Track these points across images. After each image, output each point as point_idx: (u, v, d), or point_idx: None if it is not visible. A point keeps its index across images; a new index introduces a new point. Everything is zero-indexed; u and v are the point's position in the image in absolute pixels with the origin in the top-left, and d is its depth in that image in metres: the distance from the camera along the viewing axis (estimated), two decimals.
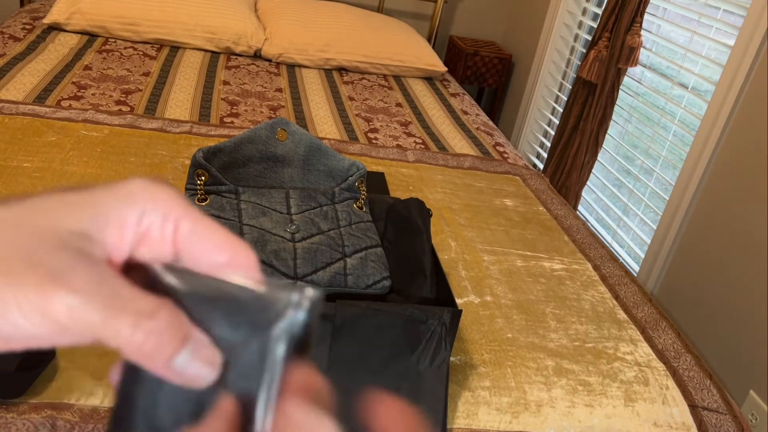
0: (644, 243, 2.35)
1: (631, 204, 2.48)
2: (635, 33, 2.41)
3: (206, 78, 2.23)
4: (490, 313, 1.21)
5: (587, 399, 1.06)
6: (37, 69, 2.01)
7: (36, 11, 2.59)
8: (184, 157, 1.58)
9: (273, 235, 0.98)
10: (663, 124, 2.46)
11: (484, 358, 1.08)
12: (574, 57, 3.02)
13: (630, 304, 1.37)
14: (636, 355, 1.19)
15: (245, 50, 2.54)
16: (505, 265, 1.39)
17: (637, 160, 2.52)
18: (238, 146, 1.04)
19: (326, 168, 1.10)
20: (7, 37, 2.24)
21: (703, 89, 2.31)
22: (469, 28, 3.58)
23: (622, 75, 2.51)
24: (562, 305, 1.29)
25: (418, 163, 1.84)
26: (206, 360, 0.24)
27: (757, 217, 1.86)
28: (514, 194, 1.77)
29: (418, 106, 2.40)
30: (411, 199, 1.15)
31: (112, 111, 1.79)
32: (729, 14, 2.16)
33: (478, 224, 1.55)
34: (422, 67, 2.70)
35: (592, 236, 1.64)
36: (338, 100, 2.29)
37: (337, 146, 1.84)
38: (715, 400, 1.14)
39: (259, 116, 2.00)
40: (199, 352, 0.24)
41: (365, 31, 2.70)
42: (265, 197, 1.04)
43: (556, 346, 1.16)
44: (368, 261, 0.99)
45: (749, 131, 1.93)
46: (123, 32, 2.42)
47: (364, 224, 1.06)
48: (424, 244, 1.07)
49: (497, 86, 3.41)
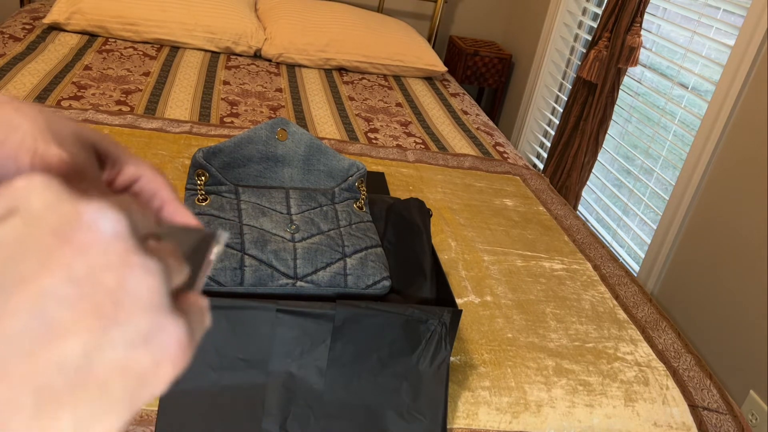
0: (644, 243, 2.35)
1: (631, 204, 2.48)
2: (635, 33, 2.41)
3: (206, 78, 2.23)
4: (490, 313, 1.21)
5: (587, 399, 1.06)
6: (37, 69, 2.01)
7: (36, 11, 2.59)
8: (184, 157, 1.58)
9: (273, 235, 0.98)
10: (663, 124, 2.46)
11: (484, 358, 1.08)
12: (574, 57, 3.02)
13: (630, 304, 1.37)
14: (636, 355, 1.19)
15: (245, 50, 2.54)
16: (505, 265, 1.39)
17: (637, 160, 2.52)
18: (238, 146, 1.04)
19: (326, 168, 1.10)
20: (7, 37, 2.24)
21: (703, 89, 2.31)
22: (469, 28, 3.58)
23: (622, 75, 2.51)
24: (562, 305, 1.29)
25: (418, 163, 1.84)
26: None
27: (757, 217, 1.86)
28: (514, 194, 1.77)
29: (418, 106, 2.40)
30: (411, 199, 1.15)
31: (112, 111, 1.79)
32: (729, 14, 2.16)
33: (478, 224, 1.55)
34: (422, 67, 2.70)
35: (592, 236, 1.64)
36: (338, 100, 2.29)
37: (337, 146, 1.84)
38: (716, 400, 1.14)
39: (259, 116, 2.00)
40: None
41: (365, 31, 2.69)
42: (265, 197, 1.04)
43: (556, 346, 1.16)
44: (368, 261, 0.99)
45: (749, 131, 1.93)
46: (123, 32, 2.42)
47: (364, 224, 1.06)
48: (424, 244, 1.07)
49: (497, 86, 3.41)
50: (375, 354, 0.88)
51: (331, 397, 0.87)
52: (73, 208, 0.20)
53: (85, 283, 0.19)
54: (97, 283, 0.19)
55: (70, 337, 0.19)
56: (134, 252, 0.20)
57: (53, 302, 0.19)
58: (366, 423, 0.87)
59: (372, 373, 0.88)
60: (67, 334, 0.19)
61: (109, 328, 0.19)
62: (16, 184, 0.20)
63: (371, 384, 0.88)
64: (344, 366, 0.87)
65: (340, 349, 0.87)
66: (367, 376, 0.88)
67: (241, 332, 0.85)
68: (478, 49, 3.30)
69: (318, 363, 0.87)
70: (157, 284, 0.20)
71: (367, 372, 0.88)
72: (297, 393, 0.86)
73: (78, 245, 0.20)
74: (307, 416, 0.86)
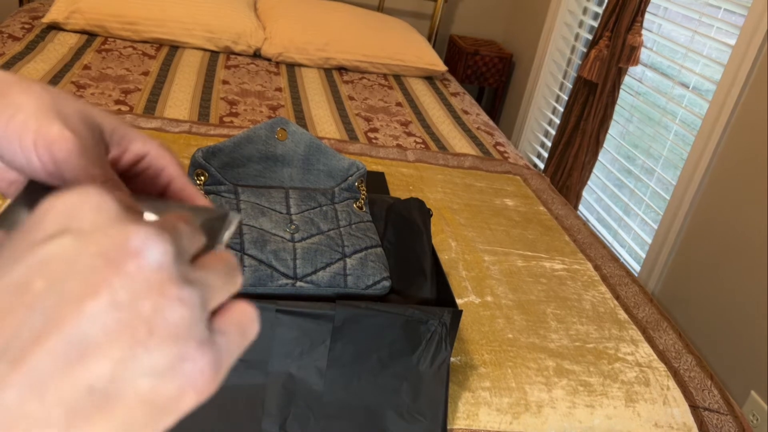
0: (645, 243, 2.35)
1: (632, 204, 2.48)
2: (636, 32, 2.41)
3: (205, 77, 2.22)
4: (491, 313, 1.21)
5: (588, 399, 1.05)
6: (37, 69, 2.01)
7: (35, 11, 2.59)
8: (183, 156, 1.58)
9: (273, 235, 0.97)
10: (664, 123, 2.46)
11: (485, 359, 1.08)
12: (574, 56, 3.01)
13: (631, 305, 1.36)
14: (637, 356, 1.18)
15: (245, 49, 2.53)
16: (506, 265, 1.39)
17: (638, 160, 2.52)
18: (237, 146, 1.04)
19: (326, 168, 1.09)
20: (6, 37, 2.24)
21: (704, 89, 2.31)
22: (470, 28, 3.58)
23: (622, 74, 2.51)
24: (563, 305, 1.29)
25: (419, 163, 1.84)
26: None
27: (758, 217, 1.86)
28: (515, 194, 1.77)
29: (418, 106, 2.40)
30: (411, 199, 1.14)
31: (111, 110, 1.79)
32: (730, 14, 2.16)
33: (478, 224, 1.54)
34: (422, 67, 2.70)
35: (592, 236, 1.63)
36: (338, 100, 2.29)
37: (337, 146, 1.83)
38: (716, 400, 1.14)
39: (258, 116, 1.99)
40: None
41: (365, 31, 2.69)
42: (265, 197, 1.03)
43: (556, 346, 1.16)
44: (368, 261, 0.99)
45: (750, 131, 1.92)
46: (122, 31, 2.41)
47: (364, 224, 1.06)
48: (424, 244, 1.07)
49: (498, 86, 3.41)
50: (375, 354, 0.88)
51: (331, 397, 0.86)
52: (123, 233, 0.21)
53: (125, 309, 0.20)
54: (136, 310, 0.20)
55: (102, 360, 0.19)
56: (174, 282, 0.21)
57: (93, 324, 0.19)
58: (366, 423, 0.87)
59: (372, 373, 0.88)
60: (100, 356, 0.19)
61: (140, 354, 0.20)
62: (71, 198, 0.21)
63: (371, 384, 0.88)
64: (344, 366, 0.87)
65: (340, 350, 0.87)
66: (367, 376, 0.88)
67: None
68: (478, 49, 3.30)
69: (318, 363, 0.86)
70: (189, 315, 0.21)
71: (367, 372, 0.88)
72: (297, 393, 0.86)
73: (123, 272, 0.20)
74: (307, 417, 0.86)
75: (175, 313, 0.21)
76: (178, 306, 0.21)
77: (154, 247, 0.21)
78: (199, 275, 0.22)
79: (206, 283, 0.22)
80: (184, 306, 0.21)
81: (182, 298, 0.21)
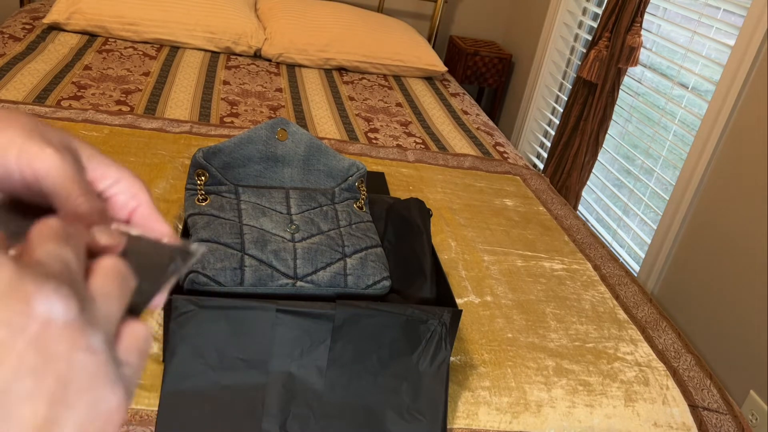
0: (644, 243, 2.35)
1: (631, 204, 2.48)
2: (635, 33, 2.41)
3: (206, 78, 2.23)
4: (490, 313, 1.21)
5: (587, 399, 1.06)
6: (37, 69, 2.01)
7: (36, 11, 2.59)
8: (184, 157, 1.58)
9: (273, 235, 0.98)
10: (663, 124, 2.46)
11: (484, 358, 1.08)
12: (574, 57, 3.02)
13: (630, 304, 1.37)
14: (636, 355, 1.19)
15: (245, 50, 2.54)
16: (505, 265, 1.39)
17: (637, 160, 2.52)
18: (238, 146, 1.04)
19: (326, 168, 1.10)
20: (6, 37, 2.24)
21: (704, 89, 2.31)
22: (469, 28, 3.58)
23: (622, 75, 2.51)
24: (563, 305, 1.29)
25: (418, 163, 1.84)
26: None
27: (757, 217, 1.86)
28: (515, 194, 1.77)
29: (418, 106, 2.40)
30: (411, 199, 1.15)
31: (112, 111, 1.79)
32: (729, 14, 2.16)
33: (478, 224, 1.55)
34: (422, 67, 2.70)
35: (592, 236, 1.63)
36: (338, 100, 2.29)
37: (337, 146, 1.83)
38: (716, 400, 1.14)
39: (259, 116, 2.00)
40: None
41: (365, 31, 2.69)
42: (265, 197, 1.04)
43: (556, 346, 1.16)
44: (368, 261, 0.99)
45: (749, 131, 1.93)
46: (123, 32, 2.42)
47: (364, 224, 1.06)
48: (424, 244, 1.07)
49: (497, 86, 3.41)
50: (375, 354, 0.88)
51: (331, 397, 0.87)
52: (24, 299, 0.20)
53: (38, 373, 0.20)
54: (49, 371, 0.20)
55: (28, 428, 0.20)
56: (81, 333, 0.21)
57: (7, 395, 0.19)
58: (366, 423, 0.87)
59: (372, 373, 0.88)
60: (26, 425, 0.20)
61: (61, 413, 0.20)
62: None
63: (371, 384, 0.88)
64: (344, 366, 0.87)
65: (340, 350, 0.87)
66: (367, 376, 0.88)
67: (241, 332, 0.85)
68: (478, 49, 3.30)
69: (318, 363, 0.87)
70: (100, 359, 0.22)
71: (367, 372, 0.88)
72: (297, 393, 0.86)
73: (29, 337, 0.20)
74: (307, 416, 0.86)
75: (87, 363, 0.21)
76: (89, 355, 0.21)
77: (58, 306, 0.21)
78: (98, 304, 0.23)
79: (107, 311, 0.23)
80: (94, 353, 0.22)
81: (90, 345, 0.21)
